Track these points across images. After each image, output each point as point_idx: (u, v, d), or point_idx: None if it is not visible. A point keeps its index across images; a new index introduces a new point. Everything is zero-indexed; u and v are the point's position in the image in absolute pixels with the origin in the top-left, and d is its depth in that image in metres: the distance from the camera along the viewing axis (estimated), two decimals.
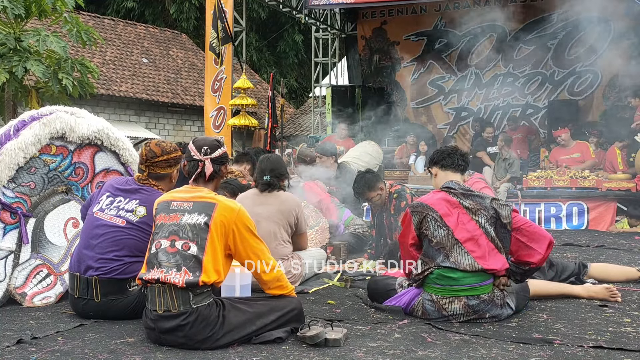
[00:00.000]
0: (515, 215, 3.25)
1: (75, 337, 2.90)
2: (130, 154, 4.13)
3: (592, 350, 2.71)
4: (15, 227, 3.68)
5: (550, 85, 11.28)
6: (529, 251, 3.20)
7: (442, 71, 12.23)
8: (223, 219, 2.81)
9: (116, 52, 18.12)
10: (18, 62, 7.88)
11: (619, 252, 5.61)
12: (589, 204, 7.52)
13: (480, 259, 3.16)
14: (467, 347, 2.76)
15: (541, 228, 3.33)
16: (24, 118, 3.88)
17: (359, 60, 13.12)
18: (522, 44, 11.43)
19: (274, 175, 4.16)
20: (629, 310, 3.42)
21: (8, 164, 3.64)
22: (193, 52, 20.89)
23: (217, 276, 2.78)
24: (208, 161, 2.96)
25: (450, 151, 3.50)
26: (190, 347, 2.71)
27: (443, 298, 3.19)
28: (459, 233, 3.19)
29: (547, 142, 10.14)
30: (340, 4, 10.71)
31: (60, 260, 3.80)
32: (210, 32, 10.20)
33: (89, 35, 8.50)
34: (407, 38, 12.49)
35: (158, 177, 3.43)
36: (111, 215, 3.32)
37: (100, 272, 3.19)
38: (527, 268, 3.23)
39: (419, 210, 3.29)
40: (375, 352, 2.67)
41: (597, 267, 4.21)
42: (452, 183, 3.35)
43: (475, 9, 11.77)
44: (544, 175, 7.91)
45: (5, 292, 3.58)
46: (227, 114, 10.15)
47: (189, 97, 18.49)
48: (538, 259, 3.21)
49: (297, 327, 2.90)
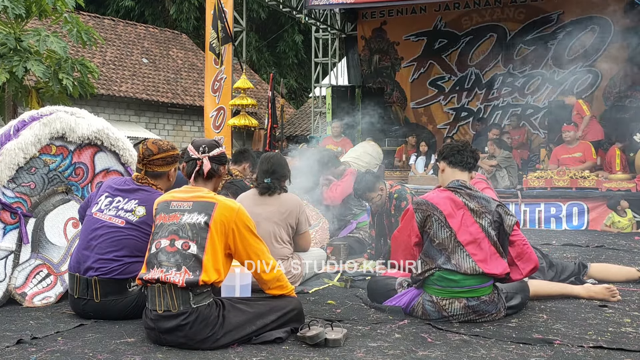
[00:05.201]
0: (516, 230, 3.24)
1: (75, 337, 2.90)
2: (130, 154, 4.13)
3: (592, 350, 2.70)
4: (15, 227, 3.68)
5: (550, 85, 11.29)
6: (512, 267, 3.21)
7: (442, 71, 12.24)
8: (223, 218, 2.82)
9: (116, 52, 18.13)
10: (18, 62, 7.90)
11: (619, 252, 5.61)
12: (589, 204, 7.52)
13: (481, 263, 3.14)
14: (467, 347, 2.76)
15: (533, 251, 3.31)
16: (24, 118, 3.88)
17: (359, 60, 13.13)
18: (522, 44, 11.44)
19: (275, 178, 4.15)
20: (629, 310, 3.42)
21: (8, 164, 3.64)
22: (193, 52, 20.89)
23: (217, 276, 2.78)
24: (206, 159, 2.96)
25: (461, 147, 3.39)
26: (190, 347, 2.71)
27: (443, 299, 3.19)
28: (462, 235, 3.16)
29: (547, 142, 10.15)
30: (340, 4, 10.71)
31: (60, 261, 3.80)
32: (210, 32, 10.21)
33: (89, 35, 8.51)
34: (407, 38, 12.50)
35: (155, 176, 3.43)
36: (110, 215, 3.32)
37: (100, 272, 3.19)
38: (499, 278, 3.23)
39: (423, 208, 3.25)
40: (375, 352, 2.67)
41: (597, 267, 4.21)
42: (458, 183, 3.30)
43: (475, 9, 11.78)
44: (544, 175, 7.92)
45: (5, 292, 3.58)
46: (227, 114, 10.15)
47: (189, 97, 18.50)
48: (516, 278, 3.24)
49: (297, 327, 2.89)
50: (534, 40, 11.28)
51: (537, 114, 11.41)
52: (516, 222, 3.24)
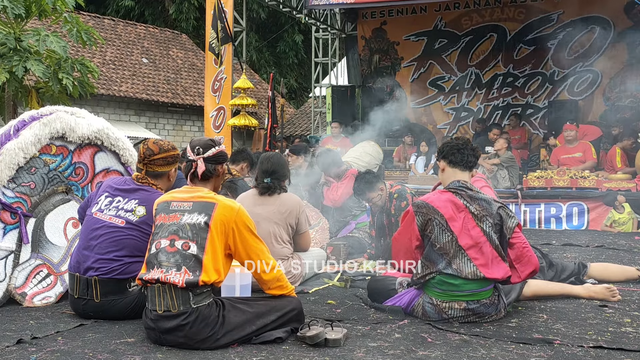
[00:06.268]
0: (517, 232, 3.21)
1: (75, 337, 2.90)
2: (130, 154, 4.13)
3: (592, 350, 2.70)
4: (15, 227, 3.68)
5: (550, 85, 11.29)
6: (511, 269, 3.19)
7: (442, 71, 12.23)
8: (223, 218, 2.82)
9: (116, 52, 18.13)
10: (18, 62, 7.89)
11: (619, 252, 5.61)
12: (589, 204, 7.51)
13: (483, 267, 3.11)
14: (467, 347, 2.76)
15: (534, 254, 3.27)
16: (24, 118, 3.88)
17: (359, 60, 13.13)
18: (522, 44, 11.44)
19: (275, 178, 4.15)
20: (629, 310, 3.42)
21: (8, 164, 3.64)
22: (193, 52, 20.89)
23: (217, 276, 2.78)
24: (200, 160, 2.96)
25: (461, 146, 3.33)
26: (190, 347, 2.71)
27: (443, 302, 3.18)
28: (463, 239, 3.13)
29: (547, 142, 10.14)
30: (340, 4, 10.71)
31: (60, 260, 3.80)
32: (210, 32, 10.20)
33: (89, 35, 8.51)
34: (407, 38, 12.50)
35: (156, 175, 3.43)
36: (110, 215, 3.32)
37: (100, 272, 3.19)
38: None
39: (423, 211, 3.21)
40: (375, 352, 2.67)
41: (597, 267, 4.20)
42: (459, 183, 3.27)
43: (475, 9, 11.78)
44: (544, 175, 7.91)
45: (5, 292, 3.58)
46: (227, 114, 10.15)
47: (189, 97, 18.50)
48: (514, 281, 3.23)
49: (297, 327, 2.89)
50: (534, 40, 11.28)
51: (537, 114, 11.41)
52: (517, 224, 3.22)
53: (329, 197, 6.00)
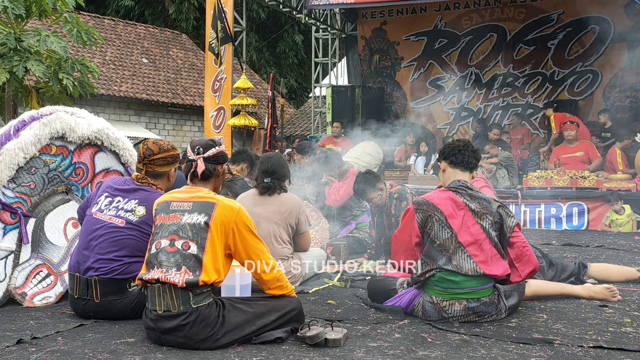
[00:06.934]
0: (517, 231, 3.23)
1: (75, 337, 2.90)
2: (130, 154, 4.13)
3: (592, 350, 2.70)
4: (15, 227, 3.68)
5: (550, 85, 11.29)
6: (511, 269, 3.20)
7: (442, 71, 12.23)
8: (223, 218, 2.82)
9: (116, 52, 18.13)
10: (18, 62, 7.90)
11: (619, 252, 5.61)
12: (589, 204, 7.52)
13: (482, 264, 3.13)
14: (467, 347, 2.76)
15: (533, 254, 3.29)
16: (24, 118, 3.88)
17: (359, 60, 13.13)
18: (522, 44, 11.44)
19: (275, 178, 4.15)
20: (629, 310, 3.42)
21: (8, 164, 3.64)
22: (193, 52, 20.89)
23: (217, 276, 2.78)
24: (200, 160, 2.96)
25: (462, 147, 3.36)
26: (190, 347, 2.71)
27: (443, 300, 3.18)
28: (463, 236, 3.15)
29: (546, 142, 10.14)
30: (340, 4, 10.71)
31: (60, 260, 3.80)
32: (210, 32, 10.21)
33: (89, 35, 8.51)
34: (407, 38, 12.50)
35: (156, 175, 3.43)
36: (110, 215, 3.32)
37: (100, 272, 3.19)
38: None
39: (423, 208, 3.24)
40: (375, 352, 2.67)
41: (597, 267, 4.20)
42: (460, 183, 3.29)
43: (475, 9, 11.78)
44: (544, 175, 7.91)
45: (5, 292, 3.58)
46: (227, 114, 10.15)
47: (189, 97, 18.50)
48: (514, 280, 3.23)
49: (297, 327, 2.89)
50: (534, 40, 11.28)
51: (537, 114, 11.41)
52: (517, 224, 3.23)
53: (331, 197, 6.00)
